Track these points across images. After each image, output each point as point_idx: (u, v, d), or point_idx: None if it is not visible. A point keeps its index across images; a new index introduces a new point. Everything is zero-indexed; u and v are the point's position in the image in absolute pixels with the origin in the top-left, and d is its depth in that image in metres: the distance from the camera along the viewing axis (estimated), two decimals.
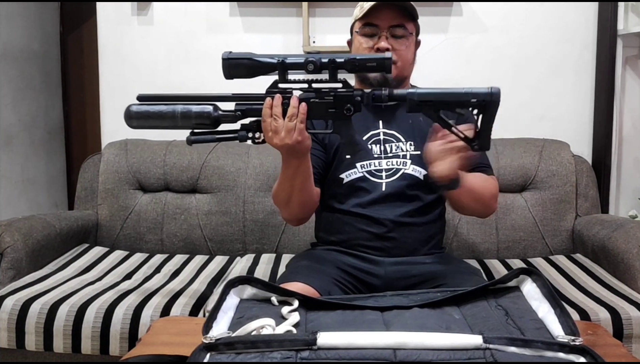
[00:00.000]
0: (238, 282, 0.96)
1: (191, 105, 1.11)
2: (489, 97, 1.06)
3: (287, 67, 1.08)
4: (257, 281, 0.97)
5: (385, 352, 0.75)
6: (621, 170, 2.17)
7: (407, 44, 1.36)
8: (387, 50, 1.33)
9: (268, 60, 1.09)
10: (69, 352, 1.42)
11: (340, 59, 1.08)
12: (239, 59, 1.09)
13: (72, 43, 3.27)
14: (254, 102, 1.13)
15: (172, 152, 2.01)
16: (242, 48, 2.13)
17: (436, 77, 2.08)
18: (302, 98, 1.10)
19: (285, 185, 1.26)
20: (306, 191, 1.29)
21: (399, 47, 1.35)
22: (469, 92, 1.06)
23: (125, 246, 1.96)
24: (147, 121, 1.12)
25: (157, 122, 1.11)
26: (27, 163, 2.87)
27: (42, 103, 3.02)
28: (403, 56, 1.36)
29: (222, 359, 0.75)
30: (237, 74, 1.11)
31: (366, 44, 1.35)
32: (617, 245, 1.62)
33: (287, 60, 1.08)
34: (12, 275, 1.59)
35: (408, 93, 1.08)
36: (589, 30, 2.11)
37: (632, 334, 1.36)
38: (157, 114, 1.11)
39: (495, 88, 1.06)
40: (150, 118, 1.11)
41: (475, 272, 1.38)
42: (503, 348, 0.76)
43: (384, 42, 1.33)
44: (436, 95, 1.08)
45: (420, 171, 1.35)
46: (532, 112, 2.14)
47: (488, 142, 1.08)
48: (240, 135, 1.12)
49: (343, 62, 1.08)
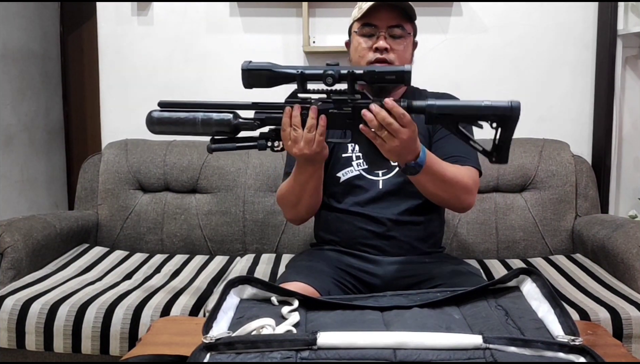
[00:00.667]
0: (238, 282, 0.96)
1: (211, 113, 1.13)
2: (509, 111, 1.04)
3: (306, 77, 1.09)
4: (257, 281, 0.98)
5: (385, 352, 0.75)
6: (621, 170, 2.17)
7: (405, 44, 1.36)
8: (385, 50, 1.33)
9: (287, 71, 1.09)
10: (69, 352, 1.42)
11: (359, 71, 1.08)
12: (259, 70, 1.10)
13: (72, 43, 3.28)
14: (273, 111, 1.13)
15: (172, 152, 2.01)
16: (242, 48, 2.16)
17: (436, 77, 2.09)
18: (321, 108, 1.11)
19: (296, 188, 1.29)
20: (316, 196, 1.32)
21: (397, 47, 1.35)
22: (490, 105, 1.04)
23: (125, 246, 1.96)
24: (168, 127, 1.15)
25: (179, 128, 1.15)
26: (27, 163, 2.87)
27: (42, 103, 3.02)
28: (401, 56, 1.36)
29: (222, 359, 0.75)
30: (257, 84, 1.11)
31: (365, 44, 1.35)
32: (617, 245, 1.62)
33: (306, 71, 1.09)
34: (12, 275, 1.59)
35: (427, 106, 1.06)
36: (589, 30, 2.11)
37: (632, 334, 1.36)
38: (179, 120, 1.14)
39: (515, 103, 1.04)
40: (172, 125, 1.14)
41: (475, 272, 1.38)
42: (503, 348, 0.76)
43: (383, 41, 1.33)
44: (455, 108, 1.06)
45: None
46: (532, 112, 2.14)
47: (506, 155, 1.07)
48: (259, 144, 1.13)
49: (362, 74, 1.08)
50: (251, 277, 0.98)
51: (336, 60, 1.10)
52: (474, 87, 2.11)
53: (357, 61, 1.37)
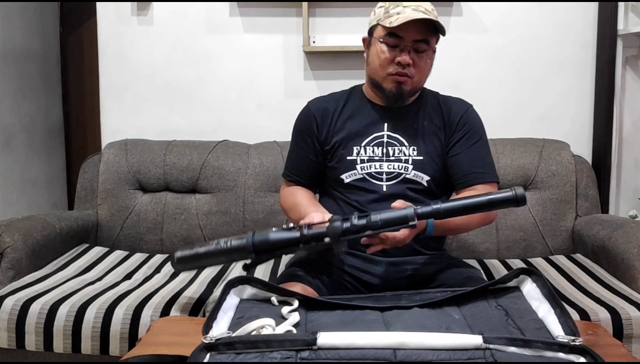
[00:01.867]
0: (238, 282, 0.96)
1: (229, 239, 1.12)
2: (514, 201, 1.03)
3: (307, 241, 1.08)
4: (257, 281, 0.98)
5: (385, 352, 0.75)
6: (621, 170, 2.17)
7: (427, 59, 1.34)
8: (408, 66, 1.30)
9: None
10: (69, 352, 1.42)
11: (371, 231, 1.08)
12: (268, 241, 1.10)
13: (72, 43, 3.27)
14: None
15: (172, 152, 2.01)
16: (242, 48, 2.16)
17: (436, 77, 2.08)
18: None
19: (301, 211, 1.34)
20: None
21: (419, 62, 1.32)
22: (494, 199, 1.04)
23: (125, 246, 1.96)
24: (194, 262, 1.15)
25: (205, 261, 1.15)
26: (27, 163, 2.87)
27: (42, 103, 3.02)
28: (422, 71, 1.34)
29: (222, 359, 0.75)
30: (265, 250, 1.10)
31: (387, 54, 1.31)
32: (617, 245, 1.62)
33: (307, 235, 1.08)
34: (12, 275, 1.59)
35: (433, 210, 1.07)
36: (589, 30, 2.11)
37: (632, 334, 1.35)
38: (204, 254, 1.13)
39: (519, 190, 1.02)
40: (199, 259, 1.14)
41: (475, 272, 1.38)
42: (503, 348, 0.76)
43: (407, 56, 1.30)
44: (461, 209, 1.07)
45: (422, 176, 1.35)
46: (532, 112, 2.14)
47: None
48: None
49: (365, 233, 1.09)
50: (251, 277, 0.98)
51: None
52: (474, 87, 2.10)
53: (376, 68, 1.34)
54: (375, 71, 1.35)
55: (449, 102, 1.43)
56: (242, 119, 2.19)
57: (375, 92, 1.38)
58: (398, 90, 1.33)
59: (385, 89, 1.34)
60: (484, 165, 1.36)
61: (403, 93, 1.34)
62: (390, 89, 1.33)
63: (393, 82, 1.32)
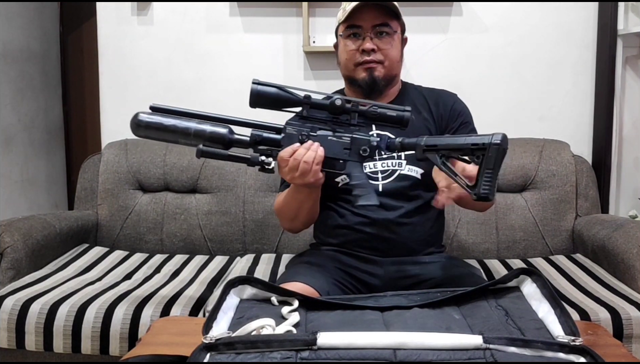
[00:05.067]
0: (238, 282, 0.96)
1: (205, 125, 1.09)
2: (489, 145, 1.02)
3: (312, 105, 1.10)
4: (257, 281, 0.98)
5: (385, 352, 0.75)
6: (621, 170, 2.17)
7: (392, 42, 1.35)
8: (372, 51, 1.33)
9: (294, 95, 1.10)
10: (69, 352, 1.42)
11: (364, 107, 1.11)
12: (267, 90, 1.10)
13: (72, 43, 3.27)
14: (271, 132, 1.13)
15: (172, 152, 2.01)
16: (242, 48, 2.16)
17: (436, 77, 2.08)
18: (320, 135, 1.12)
19: (293, 204, 1.30)
20: (314, 212, 1.33)
21: (384, 46, 1.34)
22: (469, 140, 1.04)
23: (125, 246, 1.96)
24: (156, 133, 1.10)
25: (168, 135, 1.10)
26: (27, 163, 2.87)
27: (42, 103, 3.02)
28: (389, 55, 1.35)
29: (222, 359, 0.75)
30: (263, 104, 1.11)
31: (351, 46, 1.35)
32: (617, 245, 1.62)
33: (313, 97, 1.10)
34: (12, 275, 1.59)
35: (417, 141, 1.09)
36: (589, 30, 2.11)
37: (632, 334, 1.35)
38: (169, 128, 1.09)
39: (496, 137, 1.02)
40: (161, 131, 1.10)
41: (476, 272, 1.38)
42: (503, 348, 0.76)
43: (369, 43, 1.33)
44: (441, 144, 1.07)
45: (417, 170, 1.35)
46: (532, 112, 2.14)
47: (489, 190, 1.03)
48: (252, 158, 1.10)
49: (365, 110, 1.11)
50: (251, 277, 0.98)
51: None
52: (474, 87, 2.10)
53: (345, 63, 1.38)
54: (345, 66, 1.38)
55: (434, 94, 1.45)
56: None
57: (353, 89, 1.40)
58: (370, 77, 1.35)
59: (359, 80, 1.36)
60: None
61: (376, 80, 1.35)
62: (362, 78, 1.36)
63: (363, 70, 1.35)
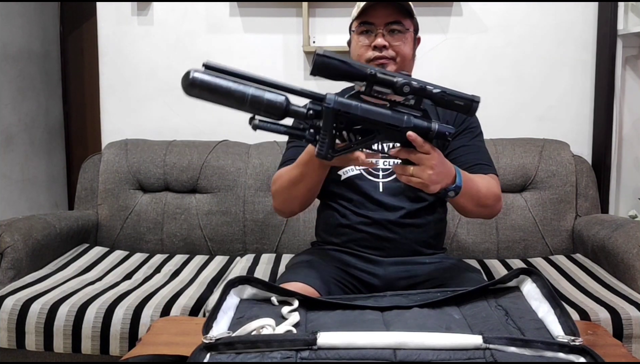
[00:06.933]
0: (238, 282, 0.96)
1: (264, 91, 0.99)
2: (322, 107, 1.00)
3: (377, 81, 1.03)
4: (257, 281, 0.97)
5: (385, 352, 0.75)
6: (621, 170, 2.17)
7: (403, 39, 1.35)
8: (384, 47, 1.32)
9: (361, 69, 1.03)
10: (69, 352, 1.42)
11: (432, 89, 1.04)
12: (334, 59, 1.03)
13: (72, 43, 3.27)
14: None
15: (172, 152, 2.01)
16: (242, 48, 2.16)
17: (436, 77, 2.07)
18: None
19: (298, 178, 1.25)
20: (314, 191, 1.31)
21: (395, 42, 1.34)
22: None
23: (125, 246, 1.96)
24: (209, 95, 0.98)
25: (222, 99, 0.99)
26: (27, 163, 2.87)
27: (42, 103, 3.02)
28: (401, 52, 1.35)
29: (222, 359, 0.75)
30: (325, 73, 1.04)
31: (363, 42, 1.35)
32: (617, 245, 1.62)
33: (379, 74, 1.03)
34: (12, 275, 1.59)
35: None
36: (589, 30, 2.11)
37: (632, 334, 1.36)
38: (226, 91, 0.98)
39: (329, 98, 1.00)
40: (215, 94, 0.98)
41: (476, 272, 1.38)
42: (503, 348, 0.76)
43: (381, 38, 1.32)
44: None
45: None
46: (532, 112, 2.14)
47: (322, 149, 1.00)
48: (308, 135, 1.03)
49: (432, 93, 1.04)
50: (251, 277, 0.98)
51: None
52: (474, 87, 2.10)
53: (357, 59, 1.36)
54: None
55: None
56: (242, 119, 2.17)
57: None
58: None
59: None
60: (485, 158, 1.38)
61: None
62: None
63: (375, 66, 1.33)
